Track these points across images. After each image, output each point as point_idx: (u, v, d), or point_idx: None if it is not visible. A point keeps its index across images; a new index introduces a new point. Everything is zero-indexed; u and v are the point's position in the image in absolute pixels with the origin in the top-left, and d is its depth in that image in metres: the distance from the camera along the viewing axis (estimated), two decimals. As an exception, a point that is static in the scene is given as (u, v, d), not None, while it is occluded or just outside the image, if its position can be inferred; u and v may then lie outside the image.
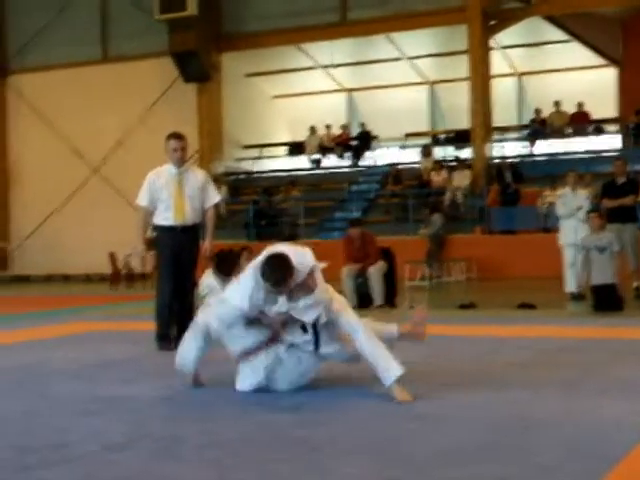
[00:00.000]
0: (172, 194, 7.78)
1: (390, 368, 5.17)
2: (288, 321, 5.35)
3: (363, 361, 5.35)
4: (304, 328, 5.35)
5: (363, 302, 12.26)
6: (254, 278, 5.26)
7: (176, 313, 7.84)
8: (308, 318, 5.29)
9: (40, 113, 27.19)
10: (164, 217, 7.84)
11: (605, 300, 10.62)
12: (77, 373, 6.59)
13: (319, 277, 5.43)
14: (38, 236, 27.28)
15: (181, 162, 7.88)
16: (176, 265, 7.82)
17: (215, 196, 8.11)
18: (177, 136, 7.92)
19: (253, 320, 5.34)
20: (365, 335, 5.29)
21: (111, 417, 4.93)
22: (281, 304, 5.27)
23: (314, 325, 5.32)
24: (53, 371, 6.75)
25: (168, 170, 7.90)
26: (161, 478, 3.63)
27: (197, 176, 8.03)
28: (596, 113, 23.87)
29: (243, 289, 5.31)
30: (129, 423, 4.74)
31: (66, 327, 10.55)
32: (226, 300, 5.38)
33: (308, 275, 5.31)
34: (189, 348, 5.52)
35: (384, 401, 5.10)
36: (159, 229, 7.95)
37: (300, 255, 5.38)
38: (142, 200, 7.89)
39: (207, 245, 8.04)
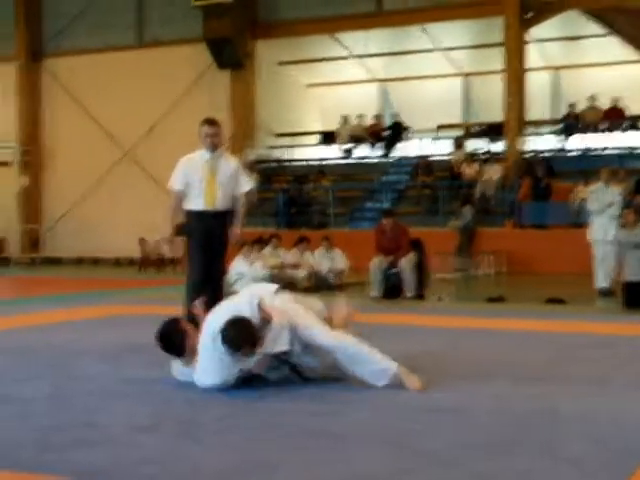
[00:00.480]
0: (204, 179, 7.73)
1: (386, 367, 5.17)
2: (267, 359, 5.23)
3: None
4: (282, 360, 5.29)
5: (391, 293, 12.24)
6: (215, 352, 5.09)
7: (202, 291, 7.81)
8: (282, 347, 5.17)
9: (74, 97, 27.32)
10: (195, 202, 7.80)
11: (636, 297, 10.53)
12: (105, 355, 6.64)
13: (269, 305, 5.27)
14: (69, 219, 27.45)
15: (214, 148, 7.76)
16: (206, 250, 7.75)
17: (247, 183, 8.04)
18: (211, 122, 7.82)
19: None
20: (344, 353, 5.19)
21: (137, 399, 4.96)
22: (255, 355, 5.14)
23: (288, 360, 5.27)
24: (81, 353, 6.79)
25: (201, 155, 7.82)
26: (186, 460, 3.65)
27: (230, 163, 7.94)
28: (632, 108, 23.63)
29: (211, 369, 5.13)
30: (154, 406, 4.77)
31: (95, 310, 10.62)
32: (201, 385, 5.19)
33: (260, 312, 5.19)
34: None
35: (405, 393, 5.09)
36: (190, 214, 7.89)
37: (246, 303, 5.26)
38: (175, 184, 7.86)
39: (237, 231, 7.94)
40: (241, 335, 4.99)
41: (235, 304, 5.34)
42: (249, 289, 5.52)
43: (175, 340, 5.33)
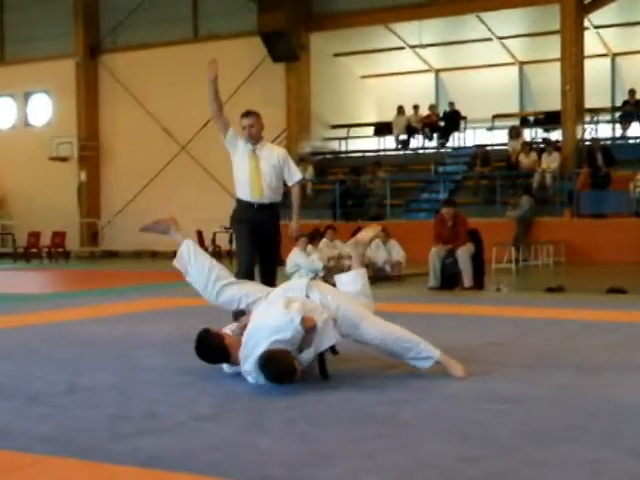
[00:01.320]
0: (248, 170, 7.64)
1: (430, 354, 5.20)
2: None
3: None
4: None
5: (449, 283, 12.20)
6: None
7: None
8: (330, 342, 5.15)
9: (131, 92, 27.62)
10: (243, 191, 7.72)
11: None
12: (166, 346, 6.71)
13: (308, 310, 5.11)
14: (127, 213, 27.78)
15: (253, 138, 7.63)
16: (253, 242, 7.64)
17: (297, 173, 7.86)
18: (247, 113, 7.67)
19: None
20: (390, 341, 5.21)
21: (199, 389, 5.00)
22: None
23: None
24: (143, 344, 6.88)
25: (244, 144, 7.70)
26: (253, 449, 3.67)
27: (273, 153, 7.78)
28: (694, 94, 23.22)
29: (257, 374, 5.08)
30: (217, 395, 4.81)
31: (155, 302, 10.74)
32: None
33: (304, 326, 5.00)
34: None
35: (468, 383, 5.07)
36: (238, 203, 7.82)
37: (286, 322, 5.00)
38: (223, 129, 7.68)
39: (294, 226, 7.89)
40: (280, 370, 4.92)
41: (275, 322, 5.05)
42: (282, 296, 5.32)
43: (215, 348, 5.29)
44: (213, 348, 5.32)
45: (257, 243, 7.66)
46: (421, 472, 3.32)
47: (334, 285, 5.84)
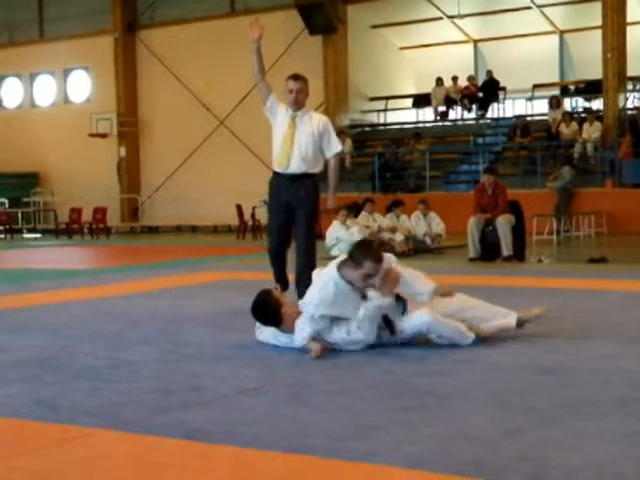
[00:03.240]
0: (282, 138, 7.28)
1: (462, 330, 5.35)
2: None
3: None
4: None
5: (489, 253, 12.13)
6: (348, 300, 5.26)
7: (295, 270, 7.32)
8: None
9: (168, 67, 27.68)
10: (275, 160, 7.42)
11: None
12: (207, 321, 6.76)
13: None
14: (167, 188, 27.93)
15: (296, 105, 7.24)
16: (283, 221, 7.37)
17: (337, 145, 7.43)
18: (295, 77, 7.30)
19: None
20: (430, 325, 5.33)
21: (241, 363, 5.04)
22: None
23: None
24: (185, 319, 6.93)
25: (286, 111, 7.33)
26: (295, 422, 3.70)
27: (314, 122, 7.35)
28: None
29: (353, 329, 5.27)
30: (259, 369, 4.84)
31: (195, 276, 10.81)
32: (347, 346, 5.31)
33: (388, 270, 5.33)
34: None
35: (508, 354, 5.07)
36: (273, 174, 7.52)
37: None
38: (266, 97, 7.40)
39: (330, 200, 7.52)
40: (368, 249, 5.32)
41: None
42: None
43: (271, 311, 5.38)
44: (269, 310, 5.39)
45: (288, 221, 7.36)
46: (463, 443, 3.33)
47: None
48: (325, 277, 5.33)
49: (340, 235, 13.40)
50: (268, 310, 5.40)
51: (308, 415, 3.80)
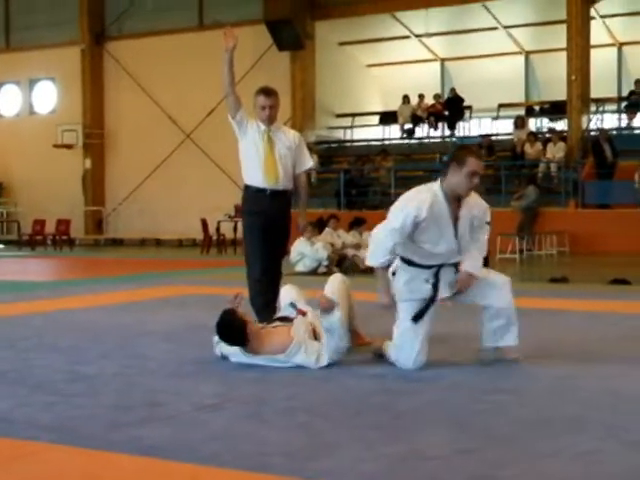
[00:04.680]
0: (262, 153, 6.87)
1: None
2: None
3: None
4: None
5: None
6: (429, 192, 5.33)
7: (265, 284, 6.86)
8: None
9: (136, 79, 27.60)
10: (254, 176, 6.91)
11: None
12: (169, 336, 6.73)
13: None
14: (132, 201, 27.80)
15: (269, 122, 6.90)
16: (266, 240, 6.84)
17: (308, 160, 7.15)
18: (266, 92, 6.93)
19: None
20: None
21: (201, 379, 5.02)
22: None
23: None
24: (146, 333, 6.89)
25: (257, 124, 6.94)
26: (252, 439, 3.69)
27: (289, 136, 7.08)
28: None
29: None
30: (218, 385, 4.83)
31: (158, 290, 10.75)
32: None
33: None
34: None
35: (465, 373, 5.10)
36: (247, 189, 7.00)
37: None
38: (233, 107, 7.05)
39: (302, 217, 7.23)
40: (469, 149, 5.54)
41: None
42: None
43: (236, 331, 5.31)
44: (234, 329, 5.31)
45: (269, 239, 6.87)
46: (418, 462, 3.34)
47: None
48: (412, 194, 5.36)
49: (305, 251, 13.41)
50: (232, 330, 5.32)
51: (267, 432, 3.79)
